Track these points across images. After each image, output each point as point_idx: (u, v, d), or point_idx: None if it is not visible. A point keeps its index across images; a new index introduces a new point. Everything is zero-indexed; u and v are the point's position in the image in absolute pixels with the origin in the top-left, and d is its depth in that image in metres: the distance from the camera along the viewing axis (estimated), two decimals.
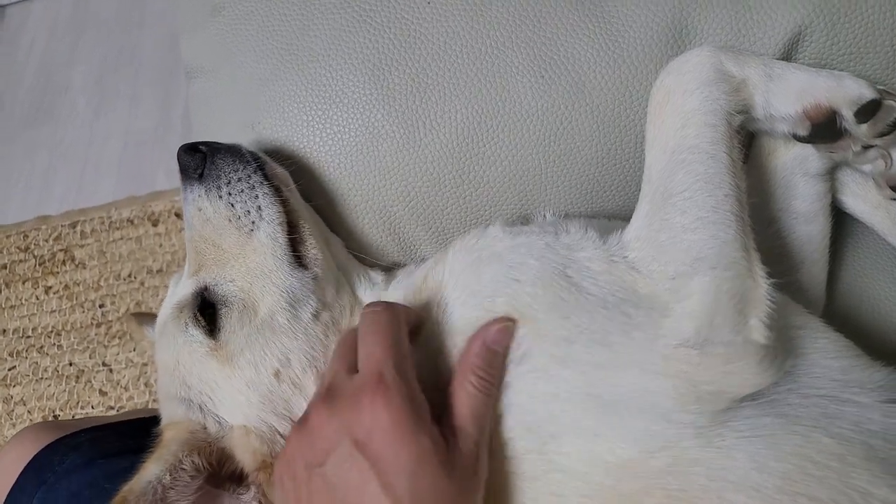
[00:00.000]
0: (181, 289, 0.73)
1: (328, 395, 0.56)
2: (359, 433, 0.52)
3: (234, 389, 0.67)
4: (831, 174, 0.72)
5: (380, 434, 0.52)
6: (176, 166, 0.73)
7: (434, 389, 0.58)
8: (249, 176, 0.70)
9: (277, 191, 0.71)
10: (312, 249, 0.72)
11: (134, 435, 0.95)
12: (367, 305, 0.62)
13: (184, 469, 0.64)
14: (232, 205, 0.70)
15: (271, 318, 0.68)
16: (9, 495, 0.91)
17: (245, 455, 0.67)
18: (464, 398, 0.56)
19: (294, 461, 0.56)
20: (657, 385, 0.54)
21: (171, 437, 0.68)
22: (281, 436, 0.67)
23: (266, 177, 0.71)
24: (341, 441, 0.53)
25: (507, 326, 0.59)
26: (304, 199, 0.75)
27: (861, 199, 0.74)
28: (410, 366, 0.57)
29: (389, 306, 0.61)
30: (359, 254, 0.79)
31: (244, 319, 0.68)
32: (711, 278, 0.55)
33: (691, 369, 0.53)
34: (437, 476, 0.51)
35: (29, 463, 0.92)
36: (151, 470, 0.63)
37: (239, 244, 0.70)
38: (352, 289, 0.74)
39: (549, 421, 0.56)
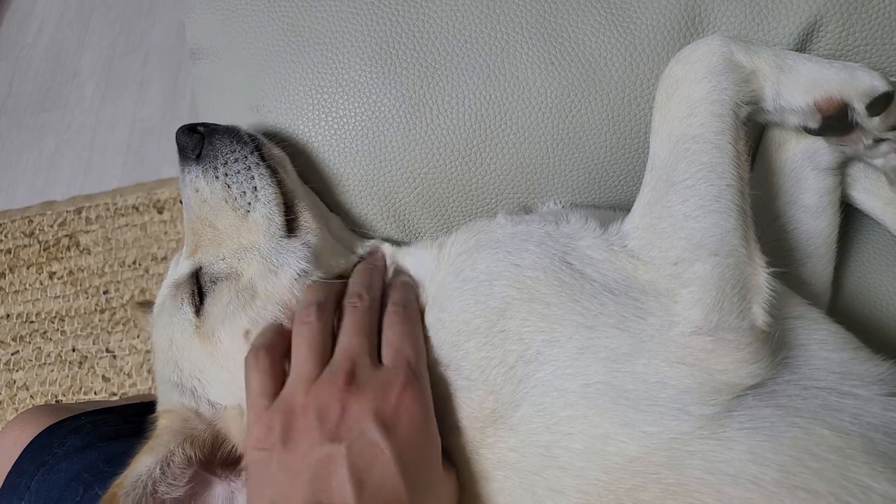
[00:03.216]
0: (178, 269, 0.74)
1: (351, 378, 0.58)
2: (386, 418, 0.56)
3: (219, 366, 0.67)
4: (842, 169, 0.72)
5: (407, 425, 0.56)
6: None
7: None
8: (246, 157, 0.70)
9: (274, 172, 0.71)
10: (305, 223, 0.71)
11: (134, 419, 0.95)
12: (394, 291, 0.67)
13: (175, 461, 0.64)
14: (228, 185, 0.70)
15: (252, 284, 0.67)
16: (8, 476, 0.91)
17: (238, 435, 0.67)
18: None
19: (298, 436, 0.56)
20: (677, 375, 0.53)
21: (164, 426, 0.67)
22: None
23: (263, 158, 0.71)
24: (365, 422, 0.55)
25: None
26: (305, 182, 0.75)
27: (873, 195, 0.73)
28: (425, 361, 0.62)
29: (412, 304, 0.66)
30: (360, 230, 0.78)
31: (225, 289, 0.68)
32: (713, 265, 0.55)
33: (707, 357, 0.53)
34: (440, 471, 0.58)
35: (28, 445, 0.92)
36: (143, 463, 0.63)
37: (235, 225, 0.70)
38: (353, 253, 0.74)
39: (568, 421, 0.56)
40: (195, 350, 0.68)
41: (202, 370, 0.68)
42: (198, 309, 0.68)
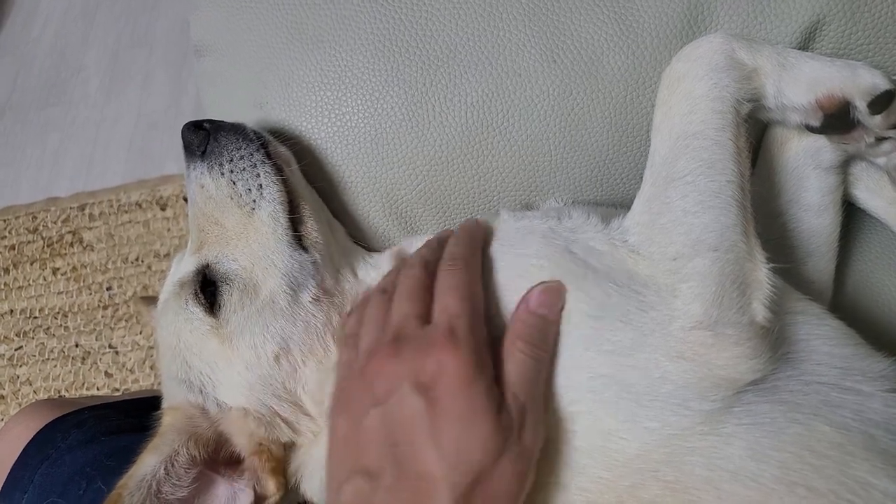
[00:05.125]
0: (183, 266, 0.74)
1: (396, 340, 0.57)
2: (423, 377, 0.53)
3: (234, 371, 0.67)
4: (844, 167, 0.72)
5: (443, 380, 0.53)
6: None
7: None
8: (252, 154, 0.70)
9: (279, 170, 0.71)
10: (312, 231, 0.71)
11: (137, 413, 0.96)
12: (448, 246, 0.64)
13: (179, 461, 0.64)
14: (233, 182, 0.70)
15: (272, 300, 0.68)
16: (11, 470, 0.91)
17: (241, 438, 0.67)
18: (512, 364, 0.55)
19: (351, 402, 0.57)
20: (677, 370, 0.53)
21: (168, 423, 0.67)
22: (281, 418, 0.67)
23: (268, 155, 0.71)
24: (403, 382, 0.54)
25: (549, 287, 0.58)
26: (307, 180, 0.75)
27: (875, 194, 0.73)
28: (482, 321, 0.58)
29: (468, 255, 0.62)
30: (360, 241, 0.79)
31: (245, 300, 0.68)
32: (712, 260, 0.55)
33: (706, 352, 0.53)
34: (485, 430, 0.51)
35: (32, 439, 0.93)
36: (147, 463, 0.63)
37: (241, 223, 0.70)
38: (354, 273, 0.74)
39: (573, 417, 0.56)
40: (208, 348, 0.68)
41: (213, 369, 0.68)
42: (207, 307, 0.68)
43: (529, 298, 0.58)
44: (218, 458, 0.67)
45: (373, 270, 0.75)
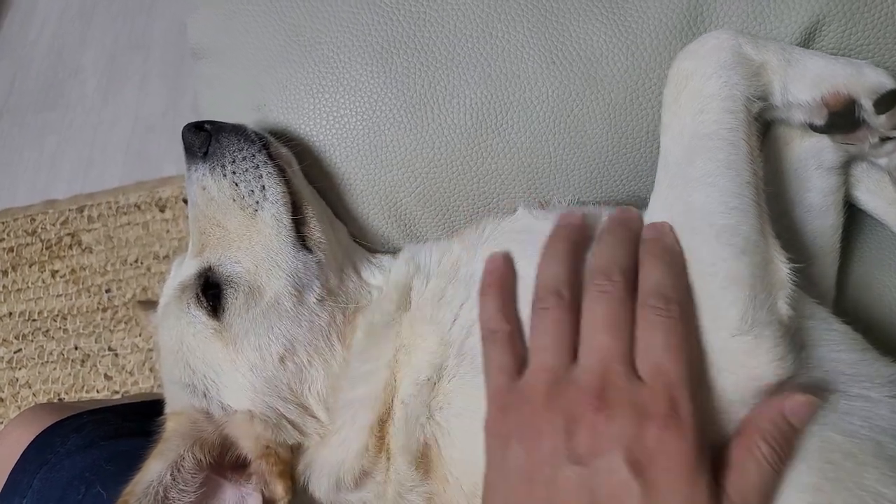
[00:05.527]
0: (184, 269, 0.73)
1: (603, 394, 0.50)
2: (637, 452, 0.48)
3: (239, 373, 0.67)
4: (846, 168, 0.71)
5: (661, 462, 0.48)
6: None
7: None
8: (254, 155, 0.70)
9: (282, 171, 0.71)
10: (316, 231, 0.71)
11: (137, 417, 0.95)
12: (651, 270, 0.55)
13: (185, 466, 0.63)
14: (236, 184, 0.70)
15: (277, 301, 0.67)
16: (10, 475, 0.91)
17: (247, 441, 0.66)
18: (751, 466, 0.49)
19: (540, 438, 0.52)
20: (726, 381, 0.52)
21: (172, 428, 0.67)
22: (287, 420, 0.67)
23: (270, 156, 0.71)
24: (614, 451, 0.48)
25: (811, 400, 0.51)
26: (308, 181, 0.75)
27: (876, 195, 0.73)
28: (701, 394, 0.51)
29: (679, 295, 0.53)
30: (362, 241, 0.79)
31: (249, 302, 0.68)
32: (744, 263, 0.54)
33: (747, 358, 0.52)
34: None
35: (31, 443, 0.92)
36: (153, 469, 0.62)
37: (243, 224, 0.70)
38: (357, 273, 0.74)
39: None
40: (212, 352, 0.68)
41: (217, 372, 0.68)
42: (210, 311, 0.68)
43: (787, 402, 0.51)
44: (224, 462, 0.67)
45: (377, 271, 0.75)
